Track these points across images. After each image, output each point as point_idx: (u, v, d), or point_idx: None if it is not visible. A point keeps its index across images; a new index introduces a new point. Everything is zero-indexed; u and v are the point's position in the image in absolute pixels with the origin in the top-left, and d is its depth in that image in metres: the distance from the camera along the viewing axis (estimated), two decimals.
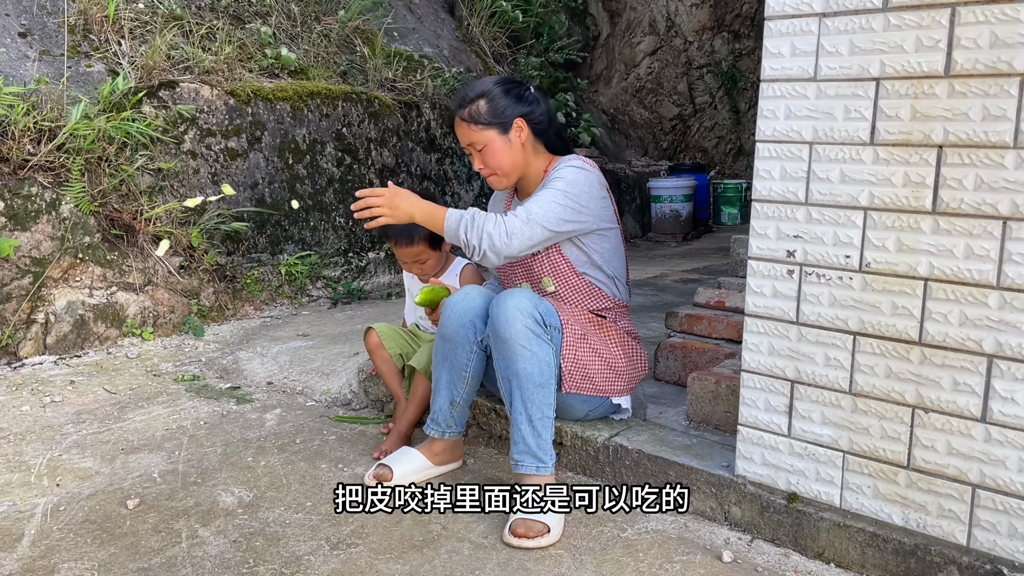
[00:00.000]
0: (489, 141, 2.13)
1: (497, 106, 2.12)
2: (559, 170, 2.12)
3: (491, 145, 2.13)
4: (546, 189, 2.08)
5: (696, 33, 8.05)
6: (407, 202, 2.02)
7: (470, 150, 2.17)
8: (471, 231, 1.98)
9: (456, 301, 2.10)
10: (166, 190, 3.79)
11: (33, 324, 3.26)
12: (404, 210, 2.01)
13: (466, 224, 1.99)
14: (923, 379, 1.61)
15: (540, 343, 1.95)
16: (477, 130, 2.12)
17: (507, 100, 2.14)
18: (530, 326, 1.94)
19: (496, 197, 2.44)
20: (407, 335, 2.61)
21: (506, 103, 2.13)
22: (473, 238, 1.98)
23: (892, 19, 1.57)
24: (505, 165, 2.15)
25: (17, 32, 3.81)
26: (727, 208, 7.53)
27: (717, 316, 2.63)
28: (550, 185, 2.08)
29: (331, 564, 1.76)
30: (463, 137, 2.16)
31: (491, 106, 2.12)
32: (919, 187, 1.58)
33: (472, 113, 2.12)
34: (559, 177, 2.09)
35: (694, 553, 1.80)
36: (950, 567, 1.59)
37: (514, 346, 1.93)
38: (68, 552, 1.81)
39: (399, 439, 2.34)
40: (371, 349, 2.56)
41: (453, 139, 5.30)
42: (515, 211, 2.03)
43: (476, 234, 1.98)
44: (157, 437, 2.49)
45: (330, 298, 4.32)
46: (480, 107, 2.12)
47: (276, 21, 4.80)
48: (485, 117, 2.12)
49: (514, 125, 2.13)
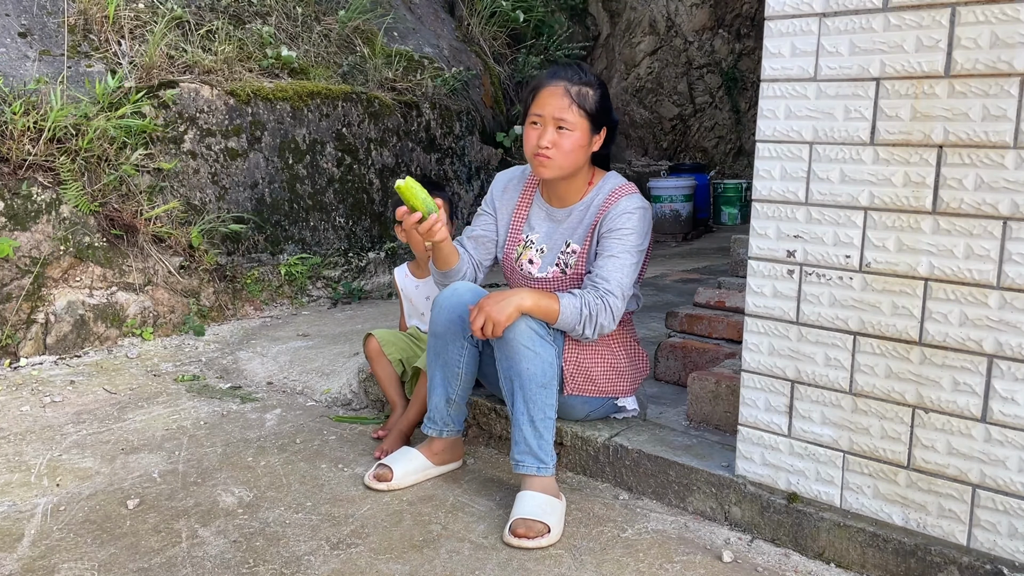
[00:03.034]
0: (578, 128, 2.02)
1: (603, 105, 2.06)
2: (628, 214, 2.04)
3: (577, 134, 2.02)
4: (620, 244, 2.02)
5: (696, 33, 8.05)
6: (510, 299, 1.92)
7: (547, 123, 2.02)
8: (588, 326, 1.97)
9: (445, 297, 2.08)
10: (166, 190, 3.79)
11: (33, 324, 3.26)
12: (512, 304, 1.91)
13: (585, 320, 1.96)
14: (923, 379, 1.61)
15: (543, 343, 1.95)
16: (577, 112, 2.01)
17: (608, 105, 2.08)
18: (533, 327, 1.94)
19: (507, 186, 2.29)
20: (408, 339, 2.60)
21: (607, 107, 2.07)
22: (588, 331, 1.99)
23: (892, 19, 1.57)
24: (572, 158, 2.04)
25: (17, 32, 3.81)
26: (727, 208, 7.52)
27: (717, 316, 2.62)
28: (624, 237, 2.02)
29: (331, 564, 1.76)
30: (555, 107, 2.00)
31: (600, 101, 2.05)
32: (919, 187, 1.58)
33: (582, 94, 2.02)
34: (631, 229, 2.03)
35: (694, 553, 1.80)
36: (950, 567, 1.59)
37: (517, 346, 1.93)
38: (68, 552, 1.81)
39: (399, 439, 2.34)
40: (371, 356, 2.55)
41: (453, 139, 5.30)
42: (610, 287, 1.98)
43: (592, 328, 1.98)
44: (157, 437, 2.49)
45: (330, 298, 4.32)
46: (591, 95, 2.03)
47: (276, 21, 4.80)
48: (590, 106, 2.03)
49: (601, 131, 2.08)
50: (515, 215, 2.24)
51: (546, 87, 2.04)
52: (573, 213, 2.15)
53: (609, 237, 2.04)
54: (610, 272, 2.00)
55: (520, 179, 2.28)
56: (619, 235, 2.03)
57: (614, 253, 2.02)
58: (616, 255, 2.02)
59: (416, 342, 2.59)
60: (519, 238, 2.22)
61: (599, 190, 2.13)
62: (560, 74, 2.05)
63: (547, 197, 2.21)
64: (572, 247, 2.13)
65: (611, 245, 2.03)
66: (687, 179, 6.82)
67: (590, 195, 2.14)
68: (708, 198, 7.34)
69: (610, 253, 2.02)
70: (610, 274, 2.00)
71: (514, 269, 2.21)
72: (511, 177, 2.31)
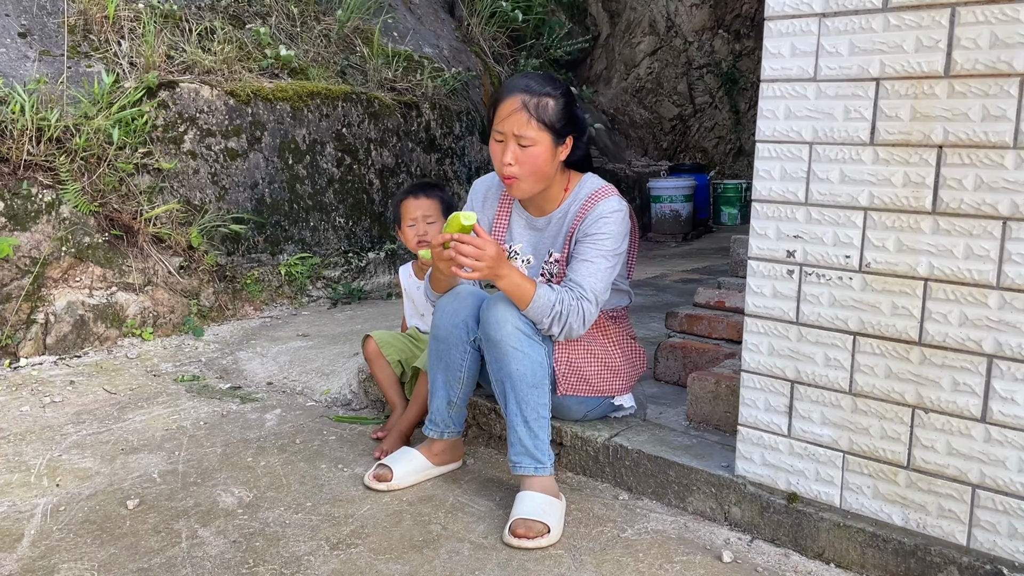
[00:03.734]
0: (540, 143, 1.96)
1: (564, 115, 1.99)
2: (604, 219, 2.00)
3: (539, 148, 1.97)
4: (595, 248, 1.99)
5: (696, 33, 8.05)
6: (504, 266, 1.89)
7: (508, 139, 1.97)
8: (556, 324, 1.94)
9: (447, 302, 2.07)
10: (166, 190, 3.79)
11: (33, 324, 3.26)
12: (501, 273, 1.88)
13: (555, 316, 1.93)
14: (923, 379, 1.61)
15: (531, 344, 1.95)
16: (536, 126, 1.95)
17: (572, 113, 2.01)
18: (520, 327, 1.94)
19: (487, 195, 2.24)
20: (407, 339, 2.60)
21: (571, 116, 2.00)
22: (555, 328, 1.95)
23: (892, 19, 1.57)
24: (540, 173, 2.00)
25: (17, 32, 3.81)
26: (727, 208, 7.53)
27: (717, 316, 2.62)
28: (599, 242, 1.99)
29: (331, 564, 1.76)
30: (514, 124, 1.95)
31: (560, 112, 1.98)
32: (919, 187, 1.58)
33: (540, 107, 1.95)
34: (607, 234, 2.00)
35: (694, 553, 1.80)
36: (950, 567, 1.59)
37: (505, 348, 1.93)
38: (68, 552, 1.80)
39: (399, 439, 2.34)
40: (369, 358, 2.55)
41: (453, 139, 5.30)
42: (584, 293, 1.96)
43: (560, 327, 1.94)
44: (157, 437, 2.49)
45: (330, 298, 4.32)
46: (549, 105, 1.96)
47: (276, 21, 4.80)
48: (550, 118, 1.96)
49: (566, 141, 2.02)
50: (495, 226, 2.21)
51: (504, 101, 1.97)
52: (552, 221, 2.13)
53: (584, 242, 2.02)
54: (583, 277, 1.98)
55: (498, 187, 2.24)
56: (594, 240, 2.01)
57: (588, 258, 1.99)
58: (590, 260, 1.99)
59: (415, 343, 2.59)
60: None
61: (575, 196, 2.11)
62: (518, 85, 1.98)
63: (525, 205, 2.18)
64: (554, 256, 2.12)
65: (586, 250, 2.01)
66: (687, 179, 6.82)
67: (567, 201, 2.12)
68: (708, 198, 7.34)
69: (584, 258, 2.00)
70: (583, 279, 1.98)
71: None
72: (489, 185, 2.26)
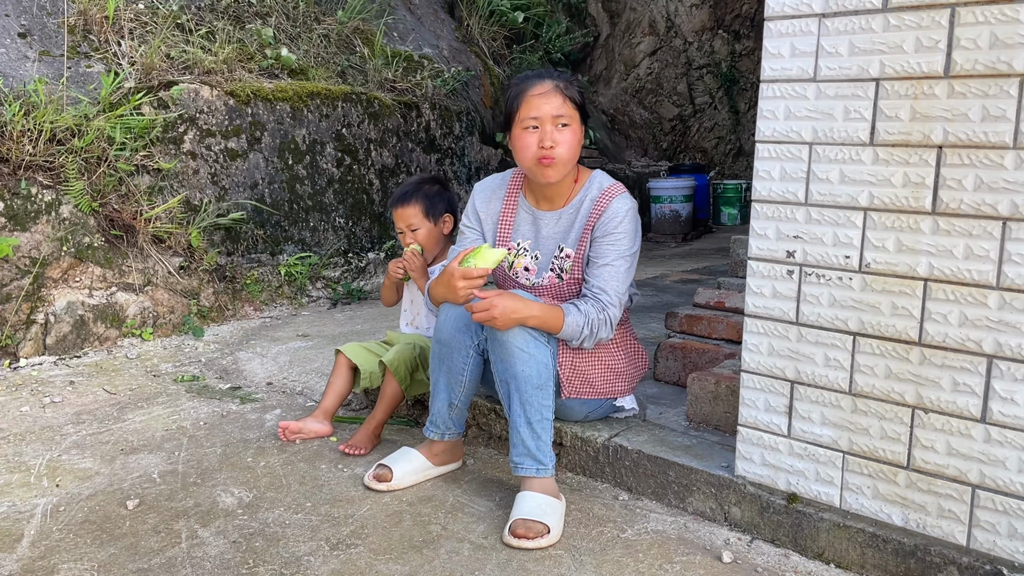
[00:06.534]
0: (575, 121, 2.03)
1: (583, 99, 2.08)
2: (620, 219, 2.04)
3: (575, 127, 2.03)
4: (614, 249, 2.03)
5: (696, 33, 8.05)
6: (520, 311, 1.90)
7: (544, 123, 2.00)
8: (587, 341, 2.02)
9: (452, 306, 2.07)
10: (166, 190, 3.79)
11: (33, 324, 3.26)
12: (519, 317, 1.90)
13: (585, 337, 2.00)
14: (923, 379, 1.61)
15: (537, 345, 1.95)
16: (571, 105, 2.02)
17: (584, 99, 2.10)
18: (527, 328, 1.94)
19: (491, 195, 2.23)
20: (379, 346, 2.61)
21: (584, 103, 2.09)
22: (587, 344, 2.03)
23: (892, 20, 1.57)
24: (574, 152, 2.04)
25: (17, 32, 3.81)
26: (727, 208, 7.53)
27: (717, 316, 2.62)
28: (618, 242, 2.04)
29: (331, 564, 1.76)
30: (552, 106, 1.99)
31: (581, 95, 2.07)
32: (919, 187, 1.58)
33: (569, 86, 2.03)
34: (624, 233, 2.04)
35: (694, 553, 1.80)
36: (950, 567, 1.59)
37: (511, 348, 1.93)
38: (68, 552, 1.80)
39: (368, 436, 2.39)
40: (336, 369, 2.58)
41: (453, 139, 5.30)
42: (610, 299, 2.01)
43: (591, 340, 2.02)
44: (157, 437, 2.49)
45: (330, 298, 4.32)
46: (574, 85, 2.05)
47: (276, 22, 4.80)
48: (578, 99, 2.05)
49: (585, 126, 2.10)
50: (501, 222, 2.20)
51: (531, 88, 2.02)
52: (563, 216, 2.13)
53: (603, 242, 2.04)
54: (607, 282, 2.02)
55: (501, 186, 2.23)
56: (613, 240, 2.04)
57: (609, 261, 2.03)
58: (611, 263, 2.03)
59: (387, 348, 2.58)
60: (509, 246, 2.18)
61: (587, 190, 2.12)
62: (539, 74, 2.06)
63: (533, 201, 2.18)
64: (566, 251, 2.11)
65: (606, 251, 2.04)
66: (687, 180, 6.82)
67: (579, 196, 2.12)
68: (708, 198, 7.35)
69: (605, 261, 2.03)
70: (607, 284, 2.02)
71: (507, 277, 2.19)
72: (493, 186, 2.25)
